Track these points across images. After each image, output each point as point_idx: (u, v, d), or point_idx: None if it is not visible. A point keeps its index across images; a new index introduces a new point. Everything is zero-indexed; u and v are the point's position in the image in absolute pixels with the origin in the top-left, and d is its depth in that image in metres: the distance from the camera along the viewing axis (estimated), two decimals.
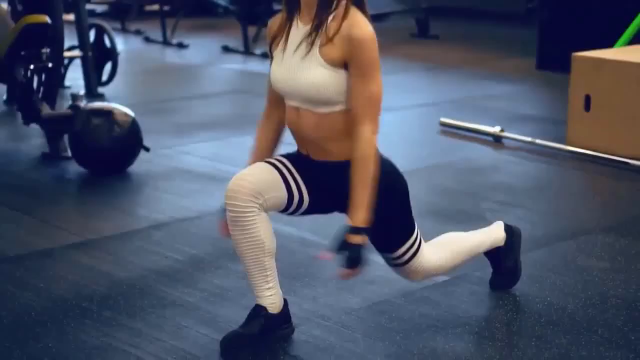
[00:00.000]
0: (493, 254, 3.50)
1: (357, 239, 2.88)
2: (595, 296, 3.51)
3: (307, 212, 3.10)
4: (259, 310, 3.05)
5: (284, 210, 3.05)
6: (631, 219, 4.42)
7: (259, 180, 2.92)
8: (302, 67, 2.90)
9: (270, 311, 3.05)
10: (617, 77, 5.46)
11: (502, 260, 3.51)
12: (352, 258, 2.89)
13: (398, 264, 3.20)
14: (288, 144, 3.17)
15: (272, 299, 3.05)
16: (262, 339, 3.04)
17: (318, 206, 3.09)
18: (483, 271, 3.71)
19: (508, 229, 3.53)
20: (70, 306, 3.39)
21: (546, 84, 7.77)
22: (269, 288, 3.04)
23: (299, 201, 3.02)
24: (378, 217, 2.95)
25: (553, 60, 7.94)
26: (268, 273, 3.02)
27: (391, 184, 3.05)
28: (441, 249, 3.29)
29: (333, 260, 2.94)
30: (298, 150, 3.09)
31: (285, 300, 3.12)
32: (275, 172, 2.98)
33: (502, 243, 3.49)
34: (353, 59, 2.85)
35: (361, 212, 2.87)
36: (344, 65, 2.87)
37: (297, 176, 3.01)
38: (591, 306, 3.42)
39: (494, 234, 3.48)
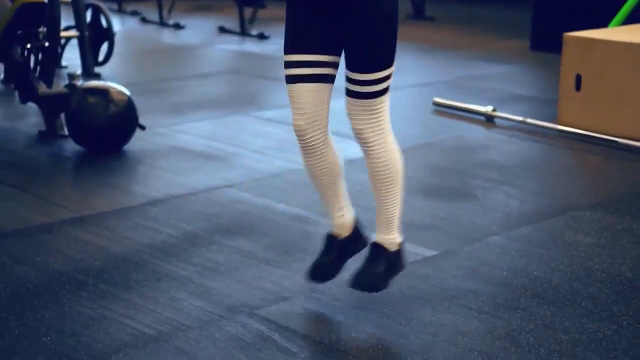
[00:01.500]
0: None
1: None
2: (581, 270, 3.59)
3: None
4: (332, 238, 3.29)
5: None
6: (619, 196, 4.49)
7: (313, 107, 3.05)
8: None
9: (343, 234, 3.28)
10: (607, 57, 5.52)
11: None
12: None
13: (362, 93, 3.06)
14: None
15: (343, 219, 3.27)
16: (344, 262, 3.30)
17: (340, 45, 3.09)
18: (471, 246, 3.79)
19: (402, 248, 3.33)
20: (66, 279, 3.47)
21: (539, 65, 7.83)
22: (340, 207, 3.26)
23: (336, 68, 3.11)
24: (366, 31, 2.99)
25: (546, 42, 8.00)
26: (340, 193, 3.23)
27: (386, 6, 3.03)
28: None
29: None
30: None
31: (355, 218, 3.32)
32: (313, 85, 3.04)
33: (394, 247, 3.25)
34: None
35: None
36: None
37: (320, 57, 3.05)
38: (576, 280, 3.50)
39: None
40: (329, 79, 3.09)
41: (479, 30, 9.70)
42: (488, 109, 5.91)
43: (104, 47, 7.27)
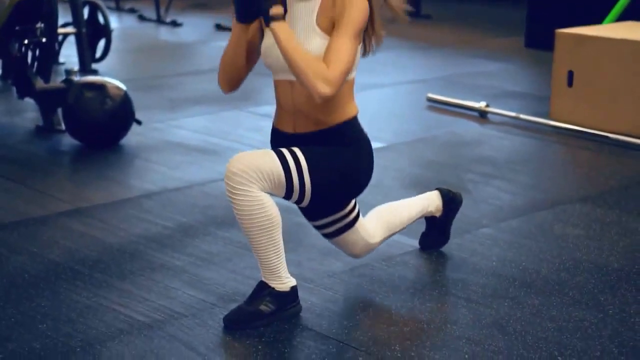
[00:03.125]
0: (428, 219, 3.67)
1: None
2: (569, 261, 3.65)
3: None
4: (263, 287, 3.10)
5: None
6: (608, 189, 4.55)
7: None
8: (299, 40, 2.96)
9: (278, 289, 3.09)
10: (599, 53, 5.58)
11: (435, 226, 3.66)
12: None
13: (325, 234, 3.32)
14: None
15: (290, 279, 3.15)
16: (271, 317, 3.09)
17: None
18: (462, 238, 3.85)
19: (448, 198, 3.64)
20: (62, 269, 3.52)
21: (533, 62, 7.89)
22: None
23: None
24: (322, 177, 3.02)
25: (541, 39, 8.06)
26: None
27: (354, 151, 3.08)
28: (379, 223, 3.41)
29: None
30: (276, 129, 3.15)
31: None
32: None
33: (438, 214, 3.63)
34: (338, 16, 2.93)
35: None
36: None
37: None
38: (564, 270, 3.56)
39: (429, 203, 3.60)
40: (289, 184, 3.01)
41: (474, 28, 9.76)
42: (481, 104, 5.97)
43: (101, 44, 7.32)
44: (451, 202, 3.67)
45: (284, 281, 3.09)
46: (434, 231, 3.68)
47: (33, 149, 5.22)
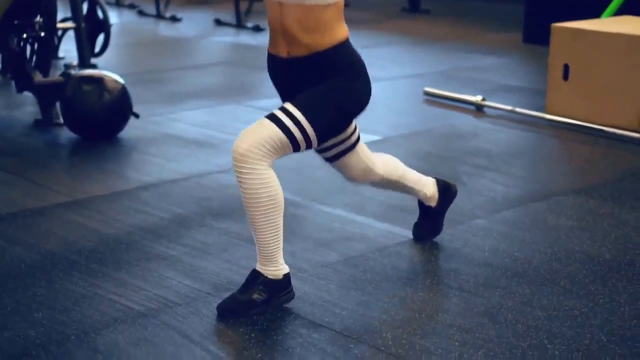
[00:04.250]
0: (423, 207, 3.71)
1: None
2: (561, 252, 3.68)
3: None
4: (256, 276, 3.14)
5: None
6: (602, 182, 4.58)
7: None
8: None
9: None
10: (594, 47, 5.61)
11: (429, 215, 3.71)
12: None
13: (326, 158, 3.37)
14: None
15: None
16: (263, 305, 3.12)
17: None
18: (455, 229, 3.88)
19: (443, 188, 3.71)
20: (58, 259, 3.56)
21: (531, 57, 7.92)
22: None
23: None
24: (321, 90, 3.09)
25: (539, 34, 8.08)
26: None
27: (350, 75, 3.12)
28: (388, 160, 3.50)
29: None
30: (272, 55, 3.18)
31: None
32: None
33: (433, 203, 3.68)
34: None
35: None
36: None
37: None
38: (556, 260, 3.59)
39: (424, 186, 3.66)
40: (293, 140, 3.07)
41: (473, 23, 9.78)
42: (478, 98, 6.00)
43: (100, 38, 7.34)
44: (446, 192, 3.72)
45: (279, 267, 3.13)
46: (427, 220, 3.72)
47: (31, 142, 5.25)
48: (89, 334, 2.96)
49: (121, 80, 5.32)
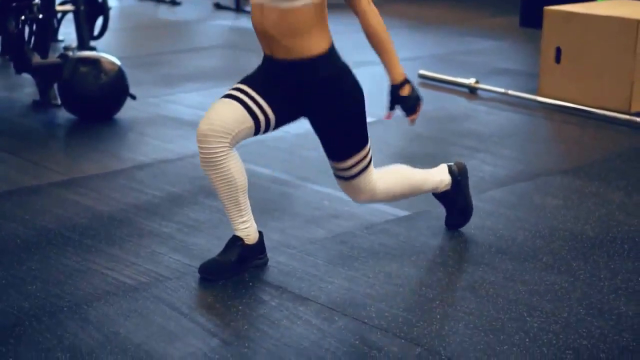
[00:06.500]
0: (443, 197, 3.71)
1: (405, 90, 3.26)
2: (545, 229, 3.75)
3: (276, 128, 3.31)
4: (235, 241, 3.30)
5: (255, 135, 3.27)
6: (590, 162, 4.65)
7: (226, 119, 3.15)
8: None
9: (246, 242, 3.29)
10: (586, 30, 5.67)
11: (453, 201, 3.71)
12: (411, 106, 3.28)
13: (345, 177, 3.35)
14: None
15: (247, 231, 3.30)
16: (238, 267, 3.28)
17: (284, 118, 3.29)
18: (442, 207, 3.94)
19: (453, 170, 3.72)
20: (53, 235, 3.64)
21: (526, 40, 7.97)
22: (243, 221, 3.30)
23: (265, 123, 3.23)
24: (333, 117, 3.21)
25: (535, 18, 8.11)
26: (242, 207, 3.27)
27: (348, 85, 3.23)
28: (389, 175, 3.49)
29: (392, 115, 3.32)
30: (264, 55, 3.26)
31: (260, 233, 3.36)
32: (239, 105, 3.18)
33: (448, 187, 3.68)
34: None
35: (396, 68, 3.26)
36: None
37: (259, 99, 3.20)
38: (539, 237, 3.67)
39: (438, 175, 3.66)
40: (256, 121, 3.19)
41: (470, 7, 9.84)
42: (471, 81, 6.07)
43: (99, 21, 7.41)
44: (453, 173, 3.73)
45: (249, 232, 3.30)
46: (450, 207, 3.73)
47: (29, 122, 5.33)
48: (80, 306, 3.04)
49: (118, 62, 5.39)
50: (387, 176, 3.48)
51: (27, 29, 5.70)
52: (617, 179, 4.39)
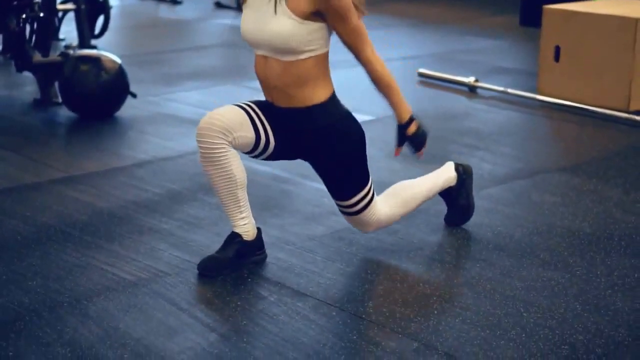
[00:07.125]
0: (446, 193, 3.74)
1: (412, 128, 3.35)
2: (543, 226, 3.77)
3: (272, 156, 3.34)
4: (234, 237, 3.32)
5: (250, 152, 3.30)
6: (588, 160, 4.67)
7: (228, 119, 3.18)
8: (269, 19, 3.12)
9: (244, 238, 3.31)
10: (585, 28, 5.69)
11: (455, 198, 3.74)
12: (417, 142, 3.38)
13: (350, 213, 3.41)
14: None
15: (246, 227, 3.32)
16: (237, 263, 3.30)
17: (283, 152, 3.33)
18: (441, 205, 3.96)
19: (459, 168, 3.75)
20: (53, 231, 3.66)
21: (526, 39, 8.00)
22: (242, 217, 3.32)
23: (265, 143, 3.26)
24: (333, 163, 3.27)
25: (535, 16, 8.13)
26: (241, 204, 3.29)
27: (347, 131, 3.28)
28: (393, 199, 3.52)
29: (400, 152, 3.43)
30: (265, 98, 3.33)
31: (259, 229, 3.39)
32: (244, 114, 3.23)
33: (453, 183, 3.71)
34: (328, 9, 3.07)
35: (402, 107, 3.34)
36: (314, 16, 3.09)
37: (265, 120, 3.25)
38: (537, 234, 3.69)
39: (444, 175, 3.69)
40: (257, 135, 3.23)
41: (470, 6, 9.86)
42: (471, 79, 6.08)
43: (100, 20, 7.43)
44: (463, 173, 3.75)
45: (247, 229, 3.31)
46: (452, 206, 3.75)
47: (30, 120, 5.35)
48: (80, 301, 3.07)
49: (118, 61, 5.42)
50: (391, 201, 3.51)
51: (28, 28, 5.74)
52: (615, 176, 4.41)
